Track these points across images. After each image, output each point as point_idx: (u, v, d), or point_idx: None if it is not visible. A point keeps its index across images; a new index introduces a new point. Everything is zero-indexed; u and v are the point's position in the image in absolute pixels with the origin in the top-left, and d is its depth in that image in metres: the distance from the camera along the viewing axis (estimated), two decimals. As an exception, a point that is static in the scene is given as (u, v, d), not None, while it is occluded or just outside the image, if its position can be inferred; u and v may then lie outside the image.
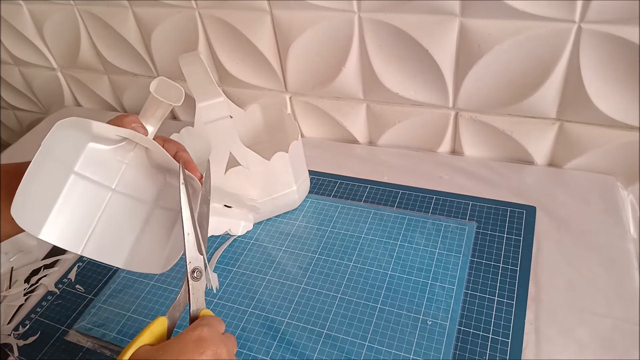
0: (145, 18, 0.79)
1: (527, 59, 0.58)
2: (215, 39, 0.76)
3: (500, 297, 0.53)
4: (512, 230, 0.60)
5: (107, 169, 0.44)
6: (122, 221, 0.44)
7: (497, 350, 0.48)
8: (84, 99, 1.03)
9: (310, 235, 0.64)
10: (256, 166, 0.59)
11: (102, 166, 0.43)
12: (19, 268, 0.68)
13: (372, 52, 0.66)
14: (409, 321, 0.52)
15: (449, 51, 0.62)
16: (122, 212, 0.44)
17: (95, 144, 0.43)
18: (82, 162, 0.42)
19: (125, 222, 0.45)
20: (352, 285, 0.57)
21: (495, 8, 0.55)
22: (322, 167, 0.74)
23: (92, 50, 0.90)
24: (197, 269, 0.41)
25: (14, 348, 0.57)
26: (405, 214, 0.64)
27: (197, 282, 0.41)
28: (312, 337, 0.52)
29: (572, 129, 0.64)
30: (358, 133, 0.79)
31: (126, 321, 0.57)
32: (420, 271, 0.57)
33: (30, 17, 0.90)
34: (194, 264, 0.41)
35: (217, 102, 0.54)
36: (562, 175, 0.67)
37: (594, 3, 0.51)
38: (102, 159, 0.43)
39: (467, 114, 0.69)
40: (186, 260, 0.41)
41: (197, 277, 0.41)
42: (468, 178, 0.69)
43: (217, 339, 0.37)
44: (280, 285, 0.58)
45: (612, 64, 0.55)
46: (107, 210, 0.44)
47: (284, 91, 0.79)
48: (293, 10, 0.66)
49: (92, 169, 0.43)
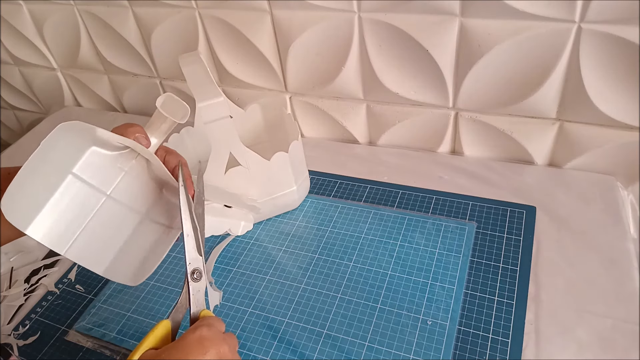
0: (145, 18, 0.79)
1: (527, 59, 0.58)
2: (215, 39, 0.76)
3: (500, 297, 0.53)
4: (512, 230, 0.60)
5: (105, 175, 0.44)
6: (110, 228, 0.44)
7: (497, 350, 0.48)
8: (84, 99, 1.03)
9: (310, 235, 0.64)
10: (256, 166, 0.59)
11: (101, 171, 0.43)
12: (19, 268, 0.68)
13: (372, 52, 0.66)
14: (409, 321, 0.52)
15: (449, 51, 0.62)
16: (112, 219, 0.44)
17: (97, 148, 0.43)
18: (82, 164, 0.42)
19: (114, 229, 0.44)
20: (352, 285, 0.57)
21: (495, 8, 0.55)
22: (322, 167, 0.74)
23: (92, 50, 0.90)
24: (197, 270, 0.41)
25: (14, 348, 0.57)
26: (405, 214, 0.64)
27: (197, 282, 0.41)
28: (312, 337, 0.52)
29: (572, 129, 0.64)
30: (358, 133, 0.79)
31: (126, 321, 0.57)
32: (420, 271, 0.57)
33: (30, 17, 0.90)
34: (193, 265, 0.41)
35: (217, 102, 0.53)
36: (562, 175, 0.67)
37: (594, 3, 0.51)
38: (102, 164, 0.43)
39: (467, 114, 0.69)
40: (186, 261, 0.41)
41: (197, 278, 0.41)
42: (468, 178, 0.69)
43: (218, 338, 0.37)
44: (280, 285, 0.58)
45: (612, 64, 0.55)
46: (98, 216, 0.43)
47: (284, 91, 0.79)
48: (293, 10, 0.66)
49: (90, 172, 0.43)
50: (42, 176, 0.39)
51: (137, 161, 0.45)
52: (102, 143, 0.43)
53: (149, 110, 0.96)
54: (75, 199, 0.42)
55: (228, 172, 0.58)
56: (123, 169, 0.45)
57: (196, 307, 0.40)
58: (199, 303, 0.40)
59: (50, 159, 0.39)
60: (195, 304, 0.40)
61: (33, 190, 0.39)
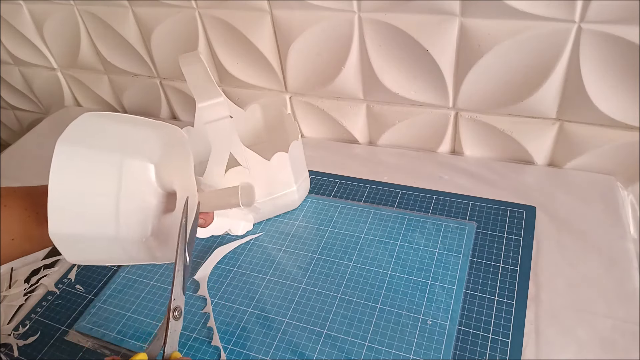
0: (145, 18, 0.79)
1: (527, 59, 0.58)
2: (215, 39, 0.76)
3: (500, 297, 0.53)
4: (512, 230, 0.60)
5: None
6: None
7: (497, 350, 0.48)
8: (84, 99, 1.03)
9: (310, 235, 0.64)
10: (256, 166, 0.59)
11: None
12: (19, 268, 0.68)
13: (372, 52, 0.66)
14: (409, 321, 0.52)
15: (449, 51, 0.62)
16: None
17: (152, 169, 0.46)
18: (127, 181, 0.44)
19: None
20: (352, 285, 0.57)
21: (495, 8, 0.55)
22: (322, 167, 0.74)
23: (92, 50, 0.90)
24: (178, 307, 0.40)
25: (14, 348, 0.57)
26: (405, 214, 0.64)
27: (176, 322, 0.40)
28: (312, 337, 0.52)
29: (572, 129, 0.64)
30: (358, 133, 0.79)
31: (126, 321, 0.57)
32: (420, 271, 0.57)
33: (30, 17, 0.90)
34: (176, 303, 0.40)
35: (217, 102, 0.53)
36: (562, 175, 0.67)
37: (594, 3, 0.51)
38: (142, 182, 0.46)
39: (467, 114, 0.69)
40: (171, 297, 0.40)
41: (177, 316, 0.40)
42: (468, 178, 0.69)
43: None
44: (280, 285, 0.58)
45: (612, 64, 0.55)
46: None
47: (284, 91, 0.79)
48: (293, 10, 0.66)
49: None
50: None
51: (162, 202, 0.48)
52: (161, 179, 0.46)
53: (149, 111, 0.96)
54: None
55: (228, 172, 0.58)
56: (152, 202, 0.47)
57: (170, 347, 0.40)
58: (173, 343, 0.40)
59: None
60: (170, 344, 0.40)
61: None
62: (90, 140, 0.42)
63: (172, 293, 0.40)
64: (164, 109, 0.95)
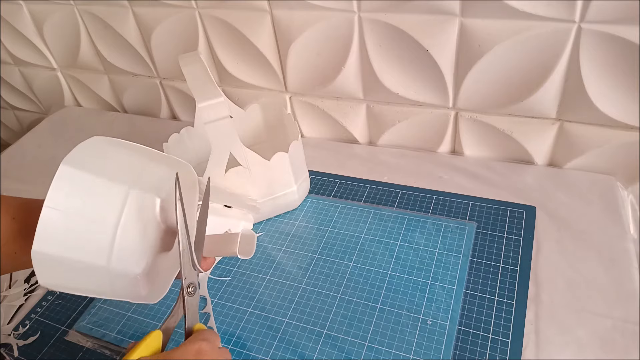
0: (145, 18, 0.79)
1: (527, 59, 0.58)
2: (215, 39, 0.76)
3: (500, 297, 0.53)
4: (512, 230, 0.60)
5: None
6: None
7: (497, 350, 0.48)
8: (84, 99, 1.03)
9: (310, 235, 0.64)
10: (256, 166, 0.59)
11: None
12: (19, 268, 0.68)
13: (372, 52, 0.66)
14: (409, 321, 0.52)
15: (449, 51, 0.62)
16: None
17: (159, 203, 0.45)
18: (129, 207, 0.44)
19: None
20: (352, 285, 0.57)
21: (495, 8, 0.55)
22: (322, 167, 0.74)
23: (92, 50, 0.90)
24: (192, 284, 0.42)
25: (14, 348, 0.57)
26: (405, 214, 0.64)
27: (192, 297, 0.42)
28: (312, 337, 0.52)
29: (572, 129, 0.64)
30: (358, 133, 0.79)
31: (126, 321, 0.57)
32: (420, 271, 0.57)
33: (30, 17, 0.90)
34: (189, 280, 0.41)
35: (217, 102, 0.53)
36: (562, 175, 0.67)
37: (594, 3, 0.51)
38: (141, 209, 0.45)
39: (467, 114, 0.69)
40: (182, 275, 0.41)
41: (191, 293, 0.42)
42: (468, 178, 0.69)
43: (215, 352, 0.39)
44: (280, 285, 0.58)
45: (612, 64, 0.55)
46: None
47: (284, 91, 0.79)
48: (293, 10, 0.66)
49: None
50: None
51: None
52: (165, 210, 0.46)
53: (148, 110, 0.96)
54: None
55: (228, 172, 0.58)
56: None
57: (191, 321, 0.41)
58: (193, 317, 0.42)
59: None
60: (189, 317, 0.41)
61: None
62: (98, 165, 0.40)
63: (182, 272, 0.41)
64: (164, 109, 0.95)
